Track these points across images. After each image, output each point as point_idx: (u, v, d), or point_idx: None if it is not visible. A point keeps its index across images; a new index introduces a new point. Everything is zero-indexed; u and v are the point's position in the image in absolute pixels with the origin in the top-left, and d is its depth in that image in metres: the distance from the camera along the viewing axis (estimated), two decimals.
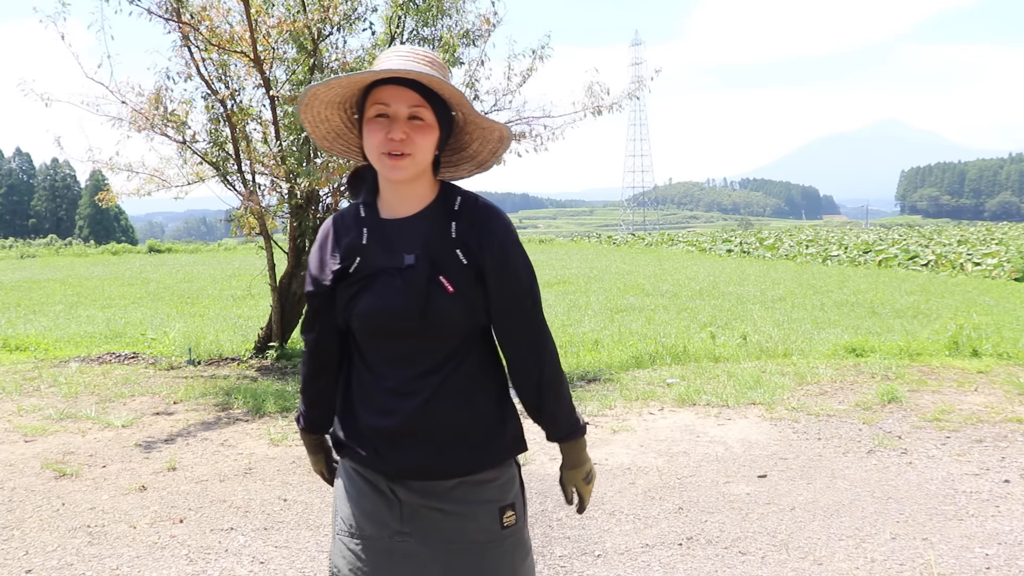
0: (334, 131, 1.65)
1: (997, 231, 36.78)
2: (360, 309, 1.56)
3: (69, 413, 5.51)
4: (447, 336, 1.56)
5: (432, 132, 1.52)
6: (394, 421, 1.57)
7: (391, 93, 1.49)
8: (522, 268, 1.60)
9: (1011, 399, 5.57)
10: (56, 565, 3.23)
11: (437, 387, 1.56)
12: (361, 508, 1.62)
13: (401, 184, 1.55)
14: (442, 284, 1.53)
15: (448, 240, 1.56)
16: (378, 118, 1.51)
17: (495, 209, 1.61)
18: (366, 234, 1.59)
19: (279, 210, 6.93)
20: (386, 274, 1.55)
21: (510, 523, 1.62)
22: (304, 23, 6.34)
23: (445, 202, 1.60)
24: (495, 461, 1.62)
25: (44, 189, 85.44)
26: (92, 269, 22.61)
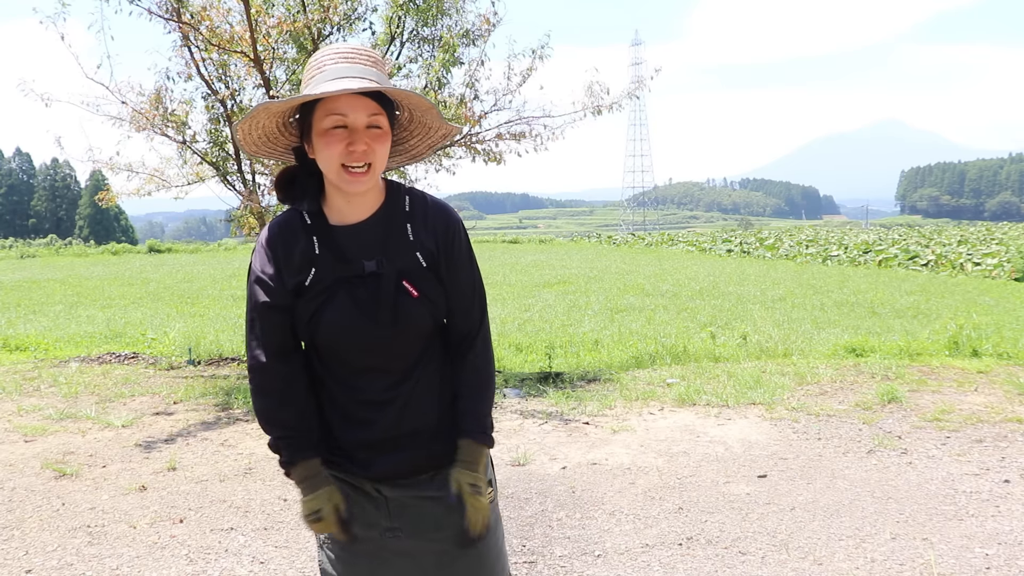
0: (265, 135, 1.57)
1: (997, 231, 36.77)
2: (326, 323, 1.51)
3: (69, 413, 5.51)
4: (415, 340, 1.56)
5: (388, 137, 1.51)
6: (374, 431, 1.56)
7: (348, 103, 1.45)
8: (473, 265, 1.63)
9: (1011, 399, 5.57)
10: (56, 565, 3.23)
11: (411, 392, 1.56)
12: (348, 513, 1.60)
13: (357, 194, 1.52)
14: (406, 289, 1.52)
15: (406, 243, 1.55)
16: (335, 129, 1.46)
17: (445, 206, 1.62)
18: (317, 243, 1.53)
19: (279, 210, 6.92)
20: (347, 284, 1.51)
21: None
22: (304, 23, 6.34)
23: (395, 204, 1.58)
24: None
25: (44, 189, 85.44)
26: (92, 269, 22.61)
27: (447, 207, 1.62)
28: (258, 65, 6.37)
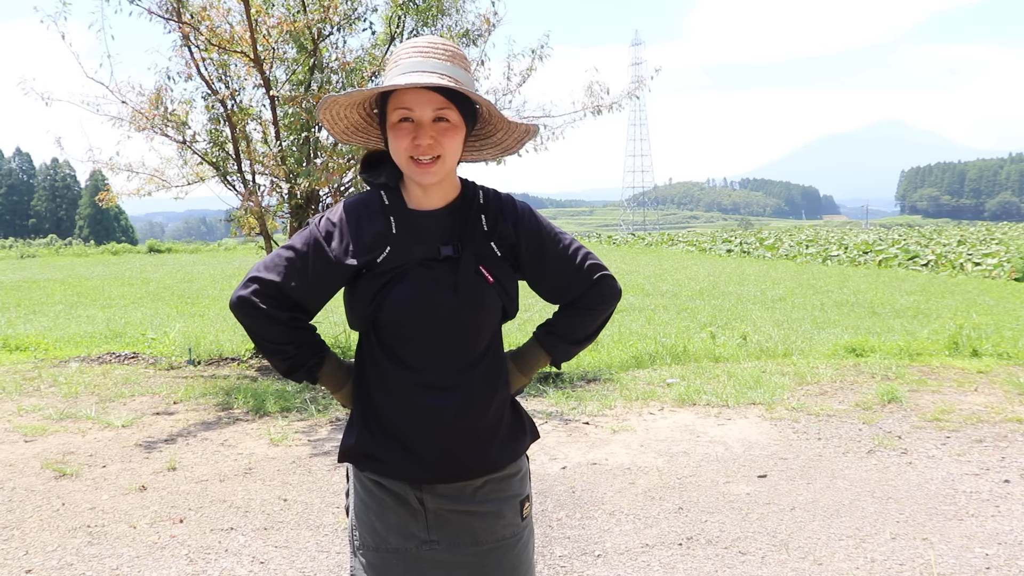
0: (352, 126, 1.62)
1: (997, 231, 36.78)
2: (396, 300, 1.50)
3: (69, 413, 5.51)
4: (485, 327, 1.56)
5: (459, 132, 1.50)
6: (430, 419, 1.52)
7: (414, 97, 1.47)
8: (554, 229, 1.65)
9: (1011, 399, 5.57)
10: (56, 565, 3.23)
11: (476, 381, 1.54)
12: (386, 521, 1.57)
13: (429, 184, 1.54)
14: (483, 274, 1.53)
15: (482, 232, 1.57)
16: (403, 123, 1.48)
17: (514, 198, 1.66)
18: (394, 223, 1.55)
19: (279, 210, 6.92)
20: (422, 265, 1.52)
21: (528, 513, 1.64)
22: (304, 23, 6.34)
23: (471, 197, 1.60)
24: (520, 452, 1.63)
25: (44, 189, 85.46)
26: (92, 269, 22.60)
27: (514, 199, 1.66)
28: (258, 65, 6.37)
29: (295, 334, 1.58)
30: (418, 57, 1.48)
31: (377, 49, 6.98)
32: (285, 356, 1.58)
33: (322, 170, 6.26)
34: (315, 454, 4.64)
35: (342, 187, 6.89)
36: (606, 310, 1.68)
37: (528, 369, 1.68)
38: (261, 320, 1.55)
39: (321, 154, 6.55)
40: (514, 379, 1.66)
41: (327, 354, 1.64)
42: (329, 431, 5.11)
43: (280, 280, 1.53)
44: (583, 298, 1.65)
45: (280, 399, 5.72)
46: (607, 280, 1.66)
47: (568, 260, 1.63)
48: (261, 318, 1.54)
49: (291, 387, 6.15)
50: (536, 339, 1.70)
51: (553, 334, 1.68)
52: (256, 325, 1.56)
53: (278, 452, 4.69)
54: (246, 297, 1.54)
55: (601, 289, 1.66)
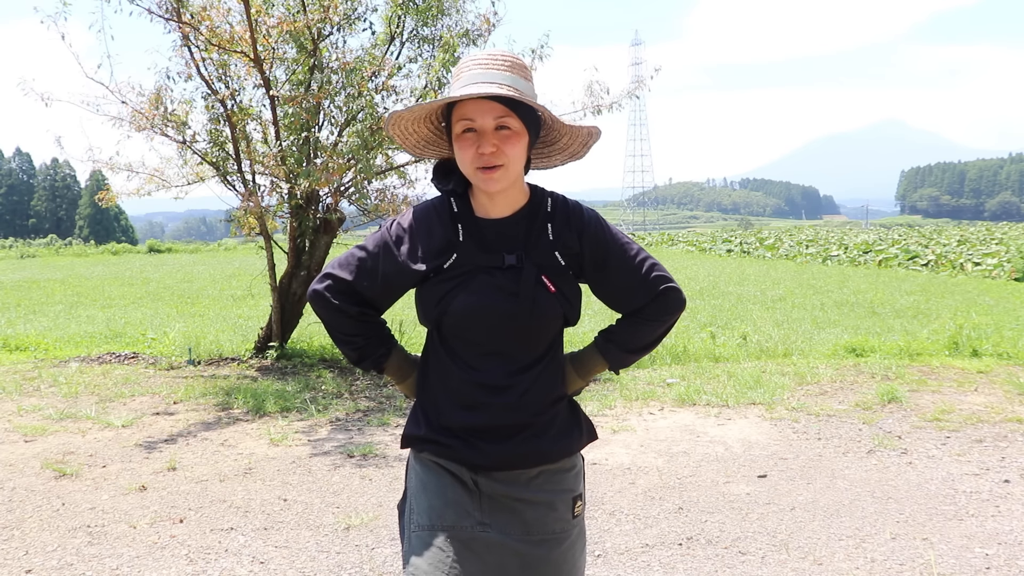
0: (423, 140, 1.68)
1: (997, 231, 36.76)
2: (460, 305, 1.57)
3: (69, 413, 5.51)
4: (544, 334, 1.61)
5: (521, 139, 1.54)
6: (486, 416, 1.59)
7: (475, 108, 1.52)
8: (631, 243, 1.68)
9: (1011, 399, 5.57)
10: (56, 565, 3.23)
11: (533, 381, 1.60)
12: (445, 498, 1.61)
13: (496, 192, 1.58)
14: (545, 284, 1.58)
15: (546, 242, 1.61)
16: (466, 133, 1.53)
17: (583, 206, 1.68)
18: (462, 231, 1.60)
19: (279, 210, 6.92)
20: (486, 273, 1.57)
21: (579, 512, 1.67)
22: (304, 23, 6.33)
23: (538, 205, 1.64)
24: (575, 448, 1.67)
25: (44, 189, 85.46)
26: (92, 269, 22.61)
27: (582, 206, 1.68)
28: (258, 65, 6.37)
29: (364, 327, 1.67)
30: (478, 69, 1.54)
31: (377, 49, 6.98)
32: (355, 346, 1.68)
33: (322, 170, 6.25)
34: (315, 454, 4.64)
35: (342, 187, 6.88)
36: (668, 321, 1.71)
37: (585, 373, 1.72)
38: (332, 312, 1.65)
39: (321, 154, 6.55)
40: (571, 381, 1.71)
41: (394, 347, 1.73)
42: (329, 431, 5.11)
43: (351, 279, 1.63)
44: (646, 309, 1.68)
45: (280, 399, 5.72)
46: (671, 292, 1.68)
47: (633, 271, 1.66)
48: (332, 311, 1.65)
49: (291, 387, 6.15)
50: (595, 345, 1.74)
51: (612, 342, 1.72)
52: (328, 317, 1.66)
53: (278, 452, 4.69)
54: (320, 291, 1.65)
55: (665, 301, 1.68)
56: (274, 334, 7.29)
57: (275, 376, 6.65)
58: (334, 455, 4.61)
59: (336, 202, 6.93)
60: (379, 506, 3.84)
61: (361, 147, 6.40)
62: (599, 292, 1.70)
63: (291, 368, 6.95)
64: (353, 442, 4.85)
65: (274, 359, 7.13)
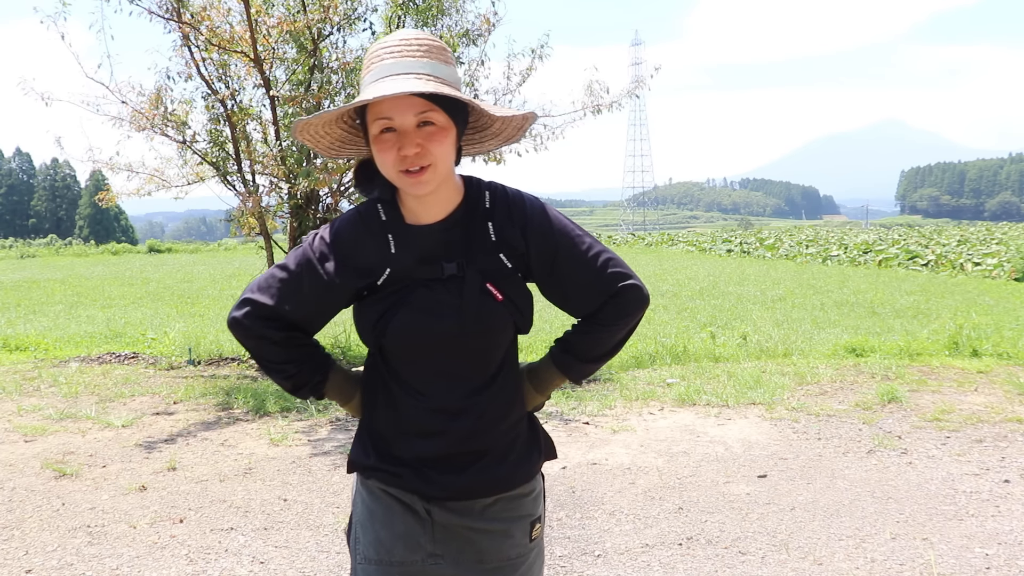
0: (338, 141, 1.51)
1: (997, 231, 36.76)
2: (399, 326, 1.41)
3: (69, 413, 5.51)
4: (496, 347, 1.47)
5: (448, 134, 1.37)
6: (442, 443, 1.46)
7: (392, 105, 1.34)
8: (581, 233, 1.50)
9: (1011, 399, 5.57)
10: (56, 565, 3.23)
11: (490, 401, 1.47)
12: (393, 530, 1.49)
13: (425, 195, 1.42)
14: (491, 292, 1.42)
15: (489, 244, 1.44)
16: (384, 134, 1.36)
17: (525, 196, 1.51)
18: (393, 242, 1.44)
19: (279, 210, 6.92)
20: (424, 287, 1.42)
21: (537, 535, 1.56)
22: (304, 23, 6.33)
23: (475, 202, 1.47)
24: (533, 472, 1.55)
25: (44, 189, 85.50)
26: (92, 269, 22.61)
27: (525, 194, 1.51)
28: (258, 65, 6.37)
29: (294, 352, 1.49)
30: (390, 59, 1.35)
31: None
32: (286, 375, 1.51)
33: (322, 170, 6.26)
34: (315, 454, 4.64)
35: (342, 187, 6.89)
36: (629, 323, 1.53)
37: (544, 388, 1.58)
38: (255, 341, 1.47)
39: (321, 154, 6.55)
40: (530, 398, 1.57)
41: (332, 369, 1.55)
42: (329, 431, 5.11)
43: (273, 303, 1.45)
44: (603, 311, 1.50)
45: (280, 399, 5.72)
46: (631, 290, 1.49)
47: (585, 267, 1.48)
48: (255, 339, 1.47)
49: None
50: (551, 358, 1.58)
51: (569, 352, 1.56)
52: (252, 346, 1.49)
53: (278, 452, 4.69)
54: (238, 319, 1.46)
55: (623, 301, 1.49)
56: None
57: None
58: (334, 455, 4.61)
59: (336, 202, 6.93)
60: None
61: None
62: (550, 294, 1.53)
63: None
64: None
65: None
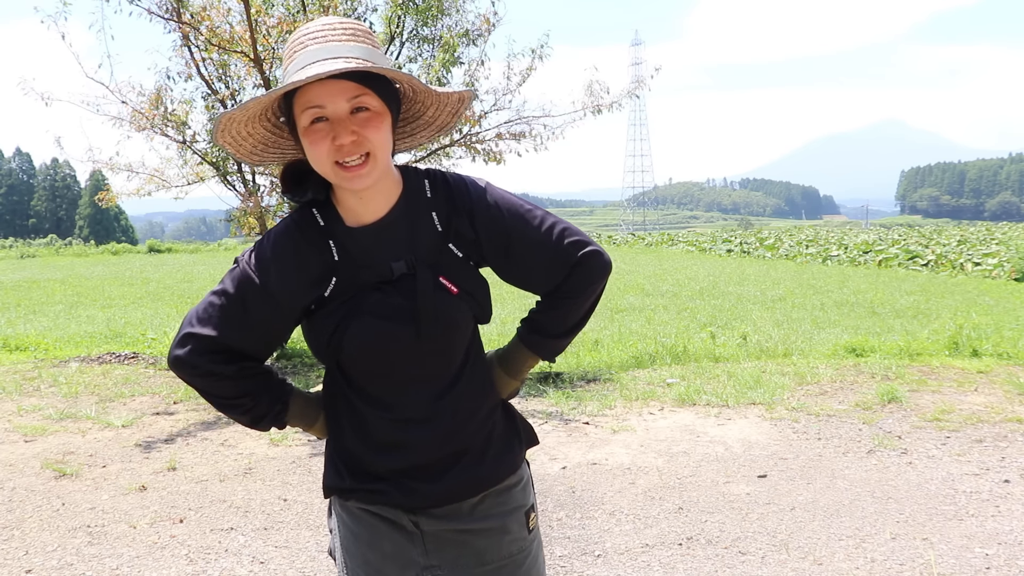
0: (260, 143, 1.40)
1: (997, 231, 36.75)
2: (354, 338, 1.33)
3: (69, 413, 5.51)
4: (459, 343, 1.40)
5: (384, 119, 1.28)
6: (414, 454, 1.39)
7: (321, 91, 1.24)
8: (520, 207, 1.41)
9: (1011, 399, 5.57)
10: (56, 565, 3.23)
11: (456, 406, 1.40)
12: (379, 550, 1.42)
13: (365, 189, 1.32)
14: (445, 287, 1.35)
15: (435, 235, 1.37)
16: (315, 124, 1.26)
17: (466, 179, 1.42)
18: (335, 248, 1.35)
19: (279, 210, 6.93)
20: (376, 291, 1.34)
21: (534, 524, 1.51)
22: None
23: (416, 192, 1.38)
24: (517, 463, 1.49)
25: (44, 189, 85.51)
26: (92, 269, 22.61)
27: (465, 178, 1.42)
28: (258, 65, 6.37)
29: (248, 384, 1.40)
30: (314, 45, 1.25)
31: None
32: (243, 410, 1.41)
33: None
34: (315, 454, 4.64)
35: None
36: (594, 291, 1.45)
37: (516, 372, 1.51)
38: (203, 379, 1.37)
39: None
40: (503, 384, 1.51)
41: (291, 397, 1.46)
42: None
43: (216, 334, 1.34)
44: (566, 283, 1.42)
45: None
46: (592, 257, 1.41)
47: (542, 243, 1.39)
48: (202, 376, 1.36)
49: None
50: (520, 339, 1.51)
51: (537, 332, 1.48)
52: (200, 384, 1.38)
53: (278, 452, 4.69)
54: (182, 357, 1.35)
55: (586, 269, 1.41)
56: None
57: None
58: None
59: None
60: None
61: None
62: (509, 276, 1.44)
63: (291, 368, 6.95)
64: None
65: (274, 359, 7.13)
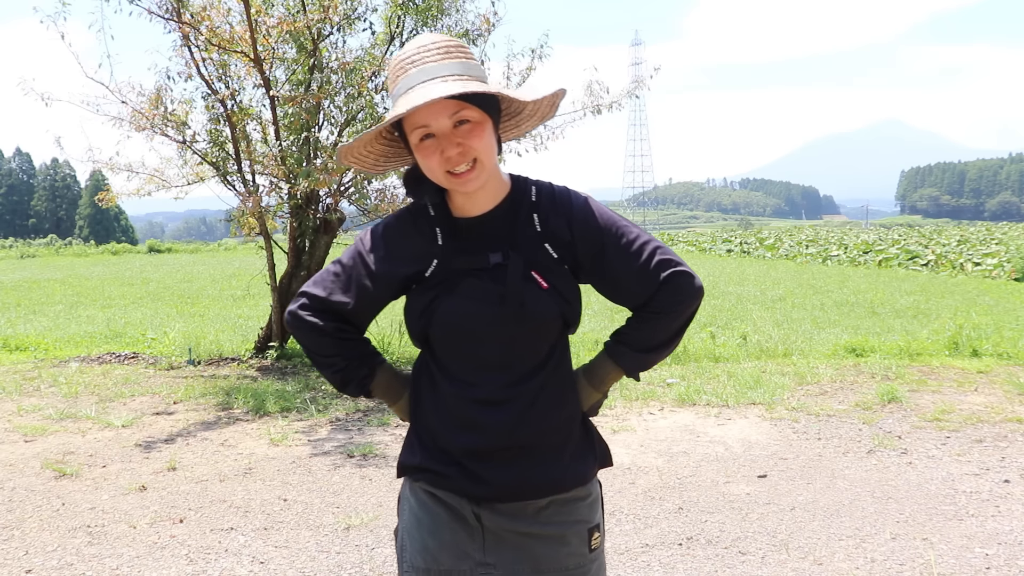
0: (382, 157, 1.55)
1: (997, 231, 36.76)
2: (444, 315, 1.44)
3: (69, 413, 5.51)
4: (542, 337, 1.47)
5: (485, 127, 1.39)
6: (486, 436, 1.45)
7: (425, 112, 1.37)
8: (628, 225, 1.51)
9: (1011, 399, 5.57)
10: (56, 565, 3.23)
11: (535, 394, 1.46)
12: (439, 539, 1.48)
13: (471, 192, 1.45)
14: (536, 281, 1.43)
15: (534, 233, 1.46)
16: (424, 141, 1.39)
17: (571, 190, 1.53)
18: (440, 234, 1.48)
19: (279, 210, 6.93)
20: (471, 275, 1.44)
21: (597, 545, 1.51)
22: (304, 23, 6.33)
23: (522, 194, 1.50)
24: (588, 476, 1.52)
25: (44, 189, 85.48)
26: (92, 269, 22.61)
27: (570, 190, 1.53)
28: (258, 65, 6.37)
29: (343, 346, 1.54)
30: (413, 69, 1.39)
31: (377, 49, 6.98)
32: (335, 369, 1.55)
33: (321, 170, 6.26)
34: (315, 454, 4.64)
35: (342, 187, 6.89)
36: (683, 311, 1.51)
37: (599, 383, 1.56)
38: (307, 333, 1.53)
39: (321, 154, 6.55)
40: (585, 395, 1.55)
41: (380, 366, 1.58)
42: (329, 431, 5.11)
43: (326, 295, 1.51)
44: (654, 300, 1.48)
45: (280, 399, 5.73)
46: (679, 277, 1.48)
47: (632, 257, 1.47)
48: (308, 331, 1.52)
49: (291, 387, 6.15)
50: (606, 350, 1.58)
51: (623, 343, 1.55)
52: (304, 338, 1.55)
53: (278, 452, 4.69)
54: (294, 311, 1.54)
55: (674, 288, 1.47)
56: (274, 334, 7.29)
57: (275, 376, 6.65)
58: (334, 455, 4.61)
59: (336, 202, 6.93)
60: (379, 506, 3.84)
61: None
62: (599, 285, 1.52)
63: (291, 368, 6.95)
64: (353, 442, 4.85)
65: (274, 359, 7.13)
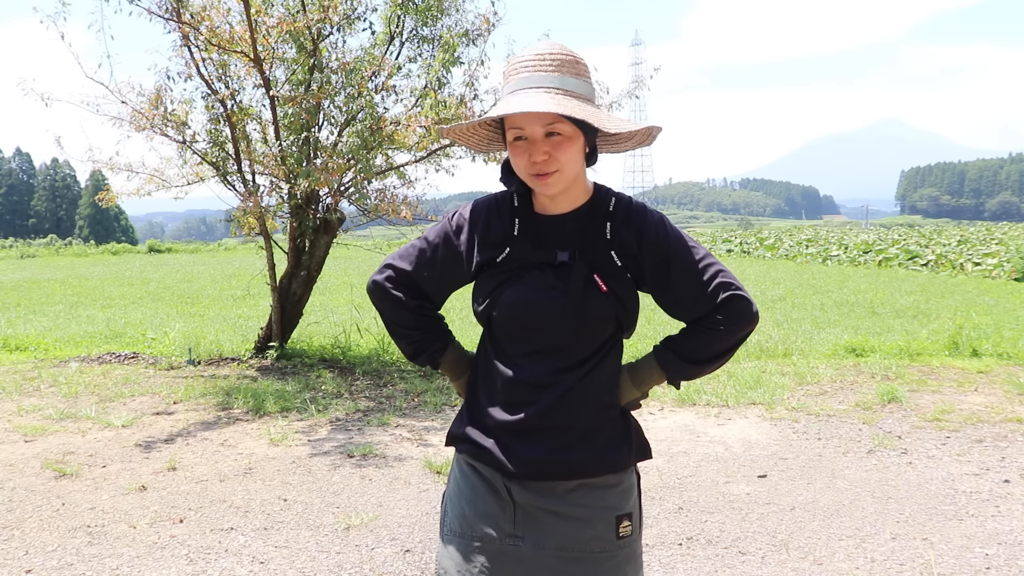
0: (485, 140, 1.66)
1: (997, 231, 36.73)
2: (508, 300, 1.55)
3: (69, 413, 5.51)
4: (594, 335, 1.56)
5: (574, 143, 1.49)
6: (526, 414, 1.54)
7: (522, 117, 1.47)
8: (686, 242, 1.59)
9: (1011, 399, 5.57)
10: (56, 565, 3.23)
11: (577, 381, 1.55)
12: (475, 508, 1.59)
13: (550, 195, 1.56)
14: (596, 283, 1.53)
15: (603, 241, 1.56)
16: (517, 141, 1.50)
17: (648, 207, 1.62)
18: (518, 226, 1.59)
19: (279, 210, 6.92)
20: (537, 268, 1.55)
21: (625, 533, 1.58)
22: (304, 23, 6.33)
23: (600, 203, 1.59)
24: (620, 465, 1.59)
25: (44, 189, 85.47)
26: (92, 269, 22.61)
27: (647, 207, 1.61)
28: (258, 65, 6.37)
29: (421, 320, 1.67)
30: (525, 73, 1.50)
31: (377, 49, 6.98)
32: (411, 340, 1.68)
33: (322, 170, 6.25)
34: (315, 454, 4.64)
35: (342, 187, 6.88)
36: (735, 334, 1.58)
37: (640, 382, 1.64)
38: (390, 304, 1.66)
39: (321, 154, 6.55)
40: (625, 390, 1.63)
41: (451, 343, 1.71)
42: (329, 431, 5.11)
43: (411, 269, 1.64)
44: (708, 317, 1.57)
45: (280, 399, 5.72)
46: (736, 301, 1.55)
47: (694, 276, 1.56)
48: (390, 302, 1.66)
49: (290, 387, 6.15)
50: (654, 353, 1.66)
51: (671, 350, 1.63)
52: (386, 308, 1.67)
53: (278, 452, 4.69)
54: (380, 282, 1.66)
55: (730, 310, 1.55)
56: (274, 334, 7.29)
57: (275, 376, 6.65)
58: (334, 455, 4.61)
59: (336, 202, 6.92)
60: (379, 506, 3.84)
61: (361, 147, 6.41)
62: (660, 299, 1.62)
63: (291, 368, 6.95)
64: (353, 442, 4.85)
65: (274, 359, 7.13)
